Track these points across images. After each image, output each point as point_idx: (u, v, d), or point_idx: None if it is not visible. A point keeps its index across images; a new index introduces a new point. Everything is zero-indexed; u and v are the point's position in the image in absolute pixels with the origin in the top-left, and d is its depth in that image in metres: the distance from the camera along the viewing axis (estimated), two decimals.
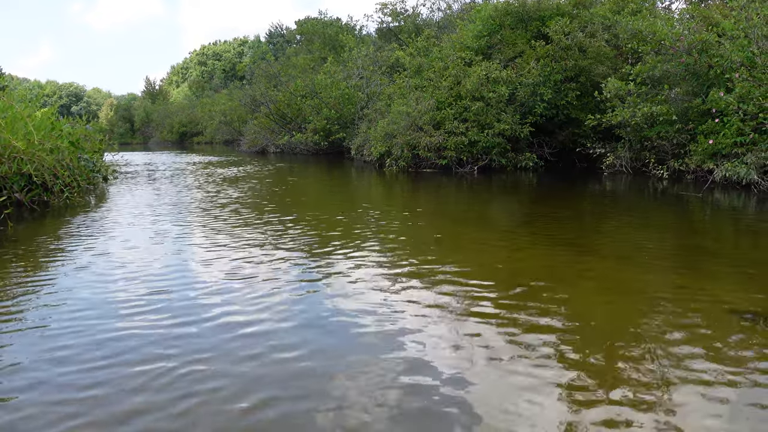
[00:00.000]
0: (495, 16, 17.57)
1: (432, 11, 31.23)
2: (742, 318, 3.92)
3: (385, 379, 3.10)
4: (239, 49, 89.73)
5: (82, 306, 4.37)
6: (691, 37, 12.41)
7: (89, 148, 13.31)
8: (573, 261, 5.75)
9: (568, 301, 4.36)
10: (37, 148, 9.60)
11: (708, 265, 5.67)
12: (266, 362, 3.35)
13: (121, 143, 45.40)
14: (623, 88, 13.60)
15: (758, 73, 11.02)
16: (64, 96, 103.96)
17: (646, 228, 7.93)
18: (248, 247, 6.42)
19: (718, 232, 7.87)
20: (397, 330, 3.79)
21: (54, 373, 3.22)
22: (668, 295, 4.48)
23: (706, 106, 12.13)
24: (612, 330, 3.79)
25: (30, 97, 15.68)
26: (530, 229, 7.71)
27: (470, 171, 15.95)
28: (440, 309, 4.19)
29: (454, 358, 3.34)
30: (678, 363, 3.22)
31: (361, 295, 4.55)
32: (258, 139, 32.13)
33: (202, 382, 3.10)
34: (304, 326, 3.91)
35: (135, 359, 3.40)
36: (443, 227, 8.20)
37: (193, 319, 4.04)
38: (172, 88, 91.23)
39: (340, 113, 24.82)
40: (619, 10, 16.34)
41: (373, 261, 5.72)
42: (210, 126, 51.04)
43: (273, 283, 4.96)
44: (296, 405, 2.85)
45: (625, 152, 14.67)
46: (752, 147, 10.95)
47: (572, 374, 3.12)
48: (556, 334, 3.69)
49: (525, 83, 15.89)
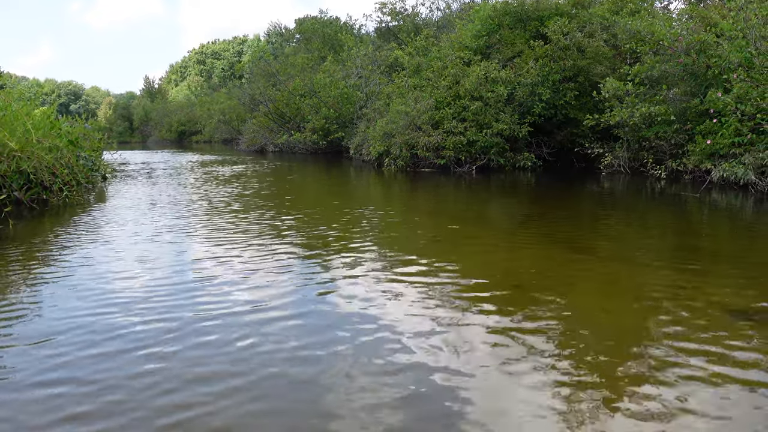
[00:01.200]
0: (494, 16, 17.59)
1: (431, 11, 31.20)
2: (739, 318, 3.94)
3: (379, 380, 3.12)
4: (238, 48, 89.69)
5: (81, 303, 4.38)
6: (690, 37, 12.44)
7: (88, 147, 13.31)
8: (571, 260, 5.77)
9: (566, 300, 4.38)
10: (35, 146, 9.61)
11: (706, 266, 5.69)
12: (261, 362, 3.37)
13: (119, 142, 45.35)
14: (621, 88, 13.62)
15: (756, 73, 11.05)
16: (63, 94, 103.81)
17: (644, 228, 7.95)
18: (244, 245, 6.44)
19: (716, 232, 7.90)
20: (390, 328, 3.81)
21: (51, 369, 3.24)
22: (665, 295, 4.50)
23: (704, 106, 12.15)
24: (609, 330, 3.81)
25: (29, 96, 15.65)
26: (528, 229, 7.73)
27: (468, 171, 15.97)
28: (436, 308, 4.20)
29: (449, 359, 3.36)
30: (674, 363, 3.24)
31: (356, 295, 4.56)
32: (257, 138, 32.14)
33: (201, 377, 3.12)
34: (299, 324, 3.93)
35: (128, 357, 3.42)
36: (441, 227, 8.22)
37: (188, 316, 4.05)
38: (170, 87, 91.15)
39: (339, 113, 24.83)
40: (618, 10, 16.37)
41: (369, 260, 5.73)
42: (209, 125, 51.05)
43: (270, 277, 4.98)
44: (294, 404, 2.87)
45: (623, 152, 14.70)
46: (750, 147, 10.97)
47: (570, 374, 3.14)
48: (553, 333, 3.70)
49: (523, 83, 15.91)
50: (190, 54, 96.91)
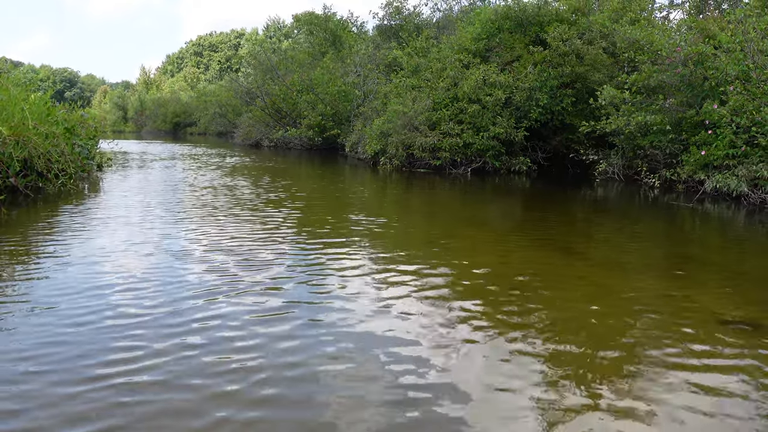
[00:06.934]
0: (494, 20, 17.65)
1: (433, 11, 31.15)
2: (728, 326, 4.00)
3: (373, 381, 3.15)
4: (236, 41, 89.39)
5: (72, 291, 4.38)
6: (688, 48, 12.54)
7: (84, 135, 13.24)
8: (562, 266, 5.82)
9: (557, 306, 4.43)
10: (31, 132, 9.56)
11: (696, 274, 5.77)
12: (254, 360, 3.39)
13: (113, 131, 45.08)
14: (618, 96, 13.71)
15: (752, 86, 11.16)
16: (58, 81, 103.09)
17: (636, 235, 8.02)
18: (238, 239, 6.45)
19: (707, 242, 7.98)
20: (379, 328, 3.84)
21: (42, 354, 3.25)
22: (656, 302, 4.55)
23: (699, 117, 12.26)
24: (599, 336, 3.85)
25: (24, 82, 15.55)
26: (521, 233, 7.78)
27: (463, 172, 16.02)
28: (426, 310, 4.23)
29: (443, 360, 3.39)
30: (664, 370, 3.29)
31: (344, 297, 4.57)
32: (252, 132, 32.03)
33: (199, 369, 3.15)
34: (293, 321, 3.95)
35: (115, 346, 3.43)
36: (434, 228, 8.25)
37: (179, 308, 4.06)
38: (166, 78, 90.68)
39: (336, 110, 24.82)
40: (618, 18, 16.46)
41: (360, 260, 5.75)
42: (204, 117, 50.76)
43: (253, 276, 4.99)
44: (292, 402, 2.90)
45: (618, 160, 14.81)
46: (744, 159, 11.09)
47: (560, 381, 3.18)
48: (543, 339, 3.74)
49: (521, 88, 15.99)
50: (187, 45, 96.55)
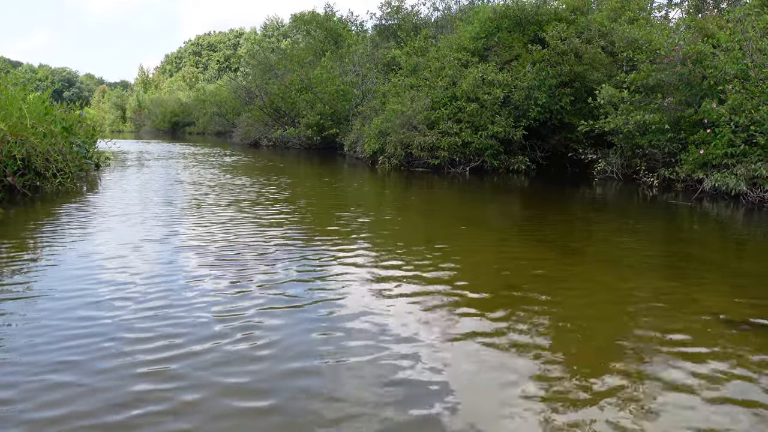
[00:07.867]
0: (493, 18, 17.64)
1: (431, 11, 31.17)
2: (727, 324, 4.00)
3: (371, 380, 3.14)
4: (235, 40, 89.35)
5: (69, 290, 4.38)
6: (687, 47, 12.53)
7: (82, 135, 13.23)
8: (561, 264, 5.81)
9: (555, 304, 4.42)
10: (29, 131, 9.55)
11: (695, 273, 5.76)
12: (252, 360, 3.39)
13: (111, 130, 45.04)
14: (617, 95, 13.71)
15: (751, 85, 11.16)
16: (57, 81, 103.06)
17: (635, 234, 8.02)
18: (229, 235, 6.44)
19: (705, 240, 7.98)
20: (382, 330, 3.83)
21: (37, 354, 3.24)
22: (654, 302, 4.55)
23: (698, 116, 12.26)
24: (597, 334, 3.85)
25: (23, 81, 15.53)
26: (519, 231, 7.78)
27: (462, 171, 16.02)
28: (424, 308, 4.22)
29: (441, 358, 3.39)
30: (663, 368, 3.29)
31: (342, 295, 4.56)
32: (251, 132, 32.05)
33: (200, 366, 3.14)
34: (291, 322, 3.95)
35: (110, 346, 3.42)
36: (432, 226, 8.25)
37: (177, 304, 4.06)
38: (165, 77, 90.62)
39: (334, 109, 24.82)
40: (616, 17, 16.46)
41: (358, 258, 5.75)
42: (203, 117, 50.74)
43: (252, 275, 4.99)
44: (288, 399, 2.90)
45: (617, 159, 14.80)
46: (742, 158, 11.09)
47: (559, 380, 3.17)
48: (542, 337, 3.74)
49: (520, 86, 15.98)
50: (186, 45, 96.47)
